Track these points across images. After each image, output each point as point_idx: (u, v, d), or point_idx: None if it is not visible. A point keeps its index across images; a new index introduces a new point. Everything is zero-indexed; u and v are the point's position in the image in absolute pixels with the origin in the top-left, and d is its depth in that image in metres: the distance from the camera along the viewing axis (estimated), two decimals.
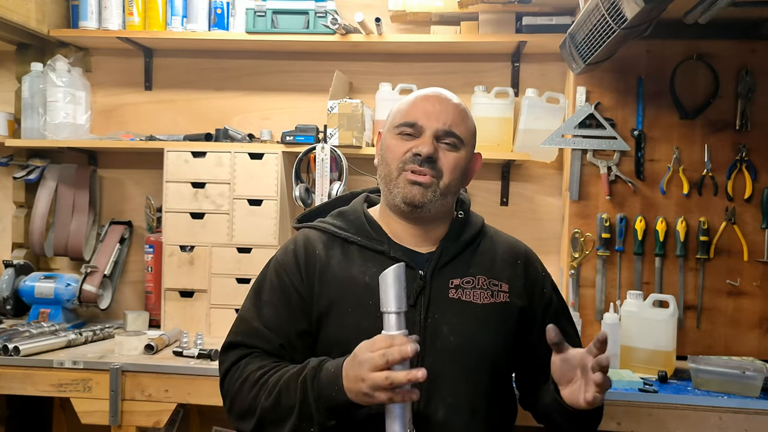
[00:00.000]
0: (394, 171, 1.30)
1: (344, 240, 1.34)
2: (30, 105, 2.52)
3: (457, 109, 1.34)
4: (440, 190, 1.29)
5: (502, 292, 1.32)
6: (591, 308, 2.31)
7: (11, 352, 1.97)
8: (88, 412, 1.98)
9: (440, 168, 1.29)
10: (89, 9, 2.51)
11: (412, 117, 1.31)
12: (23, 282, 2.43)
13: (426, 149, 1.27)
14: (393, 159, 1.31)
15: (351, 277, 1.29)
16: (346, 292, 1.28)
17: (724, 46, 2.24)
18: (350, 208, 1.41)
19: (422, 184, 1.28)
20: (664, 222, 2.24)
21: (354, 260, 1.31)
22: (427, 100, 1.33)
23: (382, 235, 1.34)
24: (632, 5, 1.55)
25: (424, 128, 1.30)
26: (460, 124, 1.32)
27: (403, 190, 1.29)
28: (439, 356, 1.25)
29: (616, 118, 2.29)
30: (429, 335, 1.25)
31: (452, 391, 1.24)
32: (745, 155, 2.23)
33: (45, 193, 2.60)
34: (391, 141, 1.32)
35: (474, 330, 1.28)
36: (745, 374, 1.84)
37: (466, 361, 1.26)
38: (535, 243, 2.53)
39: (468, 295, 1.30)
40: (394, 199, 1.30)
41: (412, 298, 1.26)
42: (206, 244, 2.36)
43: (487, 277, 1.33)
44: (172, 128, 2.65)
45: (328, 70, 2.49)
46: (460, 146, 1.32)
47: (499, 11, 2.38)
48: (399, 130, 1.31)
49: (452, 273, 1.31)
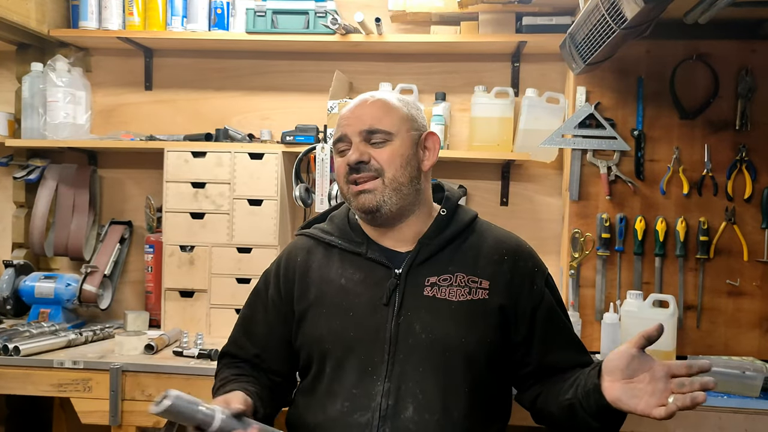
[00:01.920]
0: (344, 188, 1.36)
1: (327, 244, 1.40)
2: (30, 105, 2.52)
3: (376, 105, 1.35)
4: (389, 186, 1.31)
5: (481, 289, 1.32)
6: (591, 308, 2.31)
7: (11, 352, 1.97)
8: (88, 412, 1.98)
9: (378, 166, 1.32)
10: (89, 9, 2.51)
11: (338, 132, 1.37)
12: (23, 282, 2.43)
13: (353, 157, 1.32)
14: (339, 177, 1.37)
15: (328, 280, 1.36)
16: (323, 294, 1.35)
17: (724, 46, 2.24)
18: (338, 212, 1.48)
19: (367, 191, 1.31)
20: (664, 222, 2.24)
21: (333, 263, 1.37)
22: (349, 111, 1.38)
23: (363, 237, 1.38)
24: (632, 5, 1.54)
25: (350, 136, 1.34)
26: (382, 118, 1.34)
27: (355, 202, 1.34)
28: (410, 353, 1.27)
29: (616, 118, 2.29)
30: (401, 332, 1.28)
31: (422, 388, 1.25)
32: (745, 155, 2.23)
33: (45, 193, 2.59)
34: (335, 162, 1.38)
35: (446, 327, 1.28)
36: (745, 374, 1.84)
37: (437, 358, 1.27)
38: (535, 243, 2.53)
39: (443, 293, 1.31)
40: (356, 212, 1.37)
41: (386, 297, 1.30)
42: (206, 244, 2.36)
43: (467, 275, 1.33)
44: (172, 128, 2.65)
45: (328, 70, 2.48)
46: (390, 138, 1.33)
47: (499, 11, 2.38)
48: (336, 148, 1.37)
49: (429, 271, 1.33)
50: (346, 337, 1.29)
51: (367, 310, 1.30)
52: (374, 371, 1.26)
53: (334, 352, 1.30)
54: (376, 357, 1.27)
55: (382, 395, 1.24)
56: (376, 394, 1.24)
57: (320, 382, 1.31)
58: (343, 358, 1.29)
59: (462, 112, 2.56)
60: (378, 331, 1.28)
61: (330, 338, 1.30)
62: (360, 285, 1.33)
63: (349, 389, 1.27)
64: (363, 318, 1.30)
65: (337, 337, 1.30)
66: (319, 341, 1.32)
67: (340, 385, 1.28)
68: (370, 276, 1.33)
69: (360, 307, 1.31)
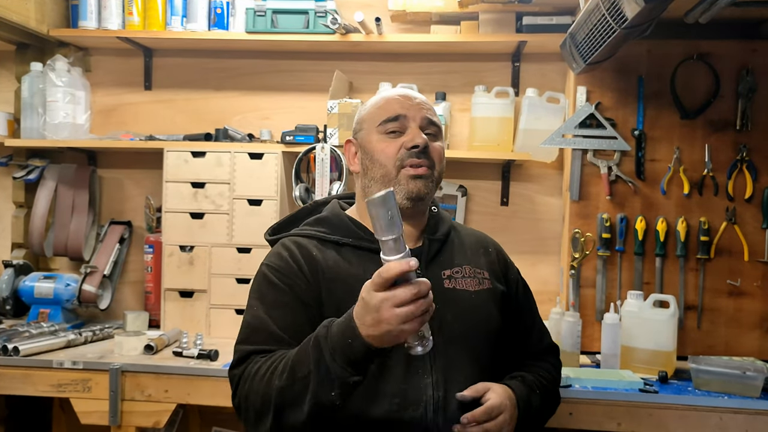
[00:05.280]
0: (393, 170, 1.30)
1: (335, 243, 1.34)
2: (30, 105, 2.52)
3: (427, 102, 1.38)
4: (435, 180, 1.34)
5: (485, 279, 1.39)
6: (591, 308, 2.31)
7: (11, 352, 1.97)
8: (87, 412, 1.98)
9: (432, 158, 1.32)
10: (89, 9, 2.50)
11: (393, 111, 1.33)
12: (23, 282, 2.43)
13: (421, 140, 1.30)
14: (388, 158, 1.31)
15: (353, 276, 1.29)
16: (351, 291, 1.24)
17: (724, 46, 2.24)
18: (329, 214, 1.39)
19: (423, 177, 1.31)
20: (665, 222, 2.24)
21: (351, 260, 1.32)
22: (402, 96, 1.36)
23: (370, 234, 1.33)
24: (632, 5, 1.54)
25: (410, 119, 1.32)
26: (434, 114, 1.37)
27: (406, 186, 1.30)
28: (449, 344, 1.29)
29: (616, 118, 2.29)
30: (435, 325, 1.25)
31: (464, 374, 1.28)
32: (746, 155, 2.23)
33: (45, 193, 2.59)
34: (378, 142, 1.33)
35: (474, 316, 1.33)
36: (746, 374, 1.84)
37: (472, 345, 1.31)
38: (535, 243, 2.58)
39: (461, 284, 1.35)
40: (399, 197, 1.29)
41: None
42: (206, 244, 2.35)
43: (471, 266, 1.38)
44: (171, 128, 2.65)
45: (328, 70, 2.48)
46: (439, 135, 1.37)
47: (499, 11, 2.38)
48: (384, 128, 1.32)
49: (442, 265, 1.36)
50: None
51: None
52: (419, 365, 1.26)
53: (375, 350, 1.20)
54: None
55: (433, 387, 1.25)
56: (426, 387, 1.24)
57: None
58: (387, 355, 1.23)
59: (462, 112, 2.56)
60: None
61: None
62: None
63: (396, 385, 1.24)
64: None
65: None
66: None
67: (386, 382, 1.24)
68: None
69: None
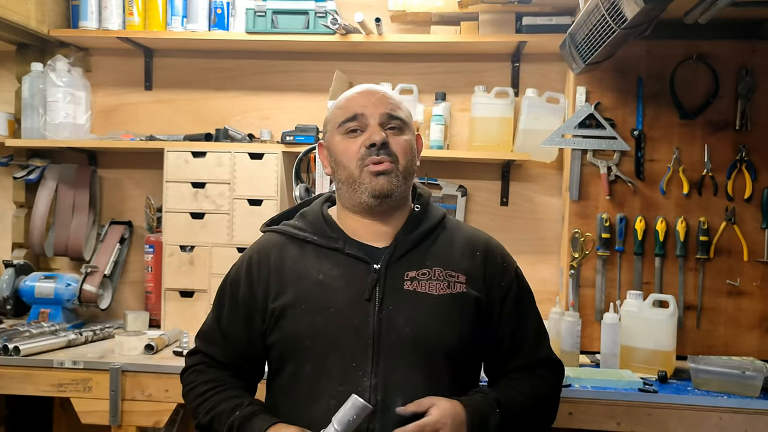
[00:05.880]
0: (356, 170, 1.31)
1: (302, 240, 1.37)
2: (30, 105, 2.52)
3: (389, 95, 1.37)
4: (401, 174, 1.32)
5: (458, 283, 1.33)
6: (591, 308, 2.31)
7: (11, 352, 1.97)
8: (88, 412, 1.98)
9: (394, 153, 1.32)
10: (89, 9, 2.51)
11: (351, 111, 1.33)
12: (23, 282, 2.43)
13: (378, 137, 1.29)
14: (350, 159, 1.32)
15: (306, 276, 1.33)
16: (301, 291, 1.32)
17: (724, 46, 2.24)
18: (310, 208, 1.44)
19: (385, 172, 1.30)
20: (664, 222, 2.24)
21: (309, 259, 1.34)
22: (361, 94, 1.36)
23: (339, 233, 1.36)
24: (632, 5, 1.55)
25: (368, 117, 1.32)
26: (397, 108, 1.35)
27: (369, 184, 1.30)
28: (394, 347, 1.27)
29: (616, 118, 2.29)
30: (384, 327, 1.27)
31: (408, 381, 1.26)
32: (745, 155, 2.23)
33: (45, 193, 2.59)
34: (340, 144, 1.34)
35: (428, 321, 1.29)
36: (745, 374, 1.84)
37: (421, 351, 1.28)
38: (535, 243, 2.58)
39: (423, 287, 1.31)
40: (360, 197, 1.31)
41: (367, 292, 1.29)
42: (206, 244, 2.36)
43: (444, 269, 1.34)
44: (172, 128, 2.65)
45: (328, 70, 2.48)
46: (404, 129, 1.35)
47: (499, 11, 2.38)
48: (344, 128, 1.33)
49: (408, 265, 1.33)
50: (328, 334, 1.27)
51: (348, 306, 1.29)
52: (359, 367, 1.26)
53: (315, 349, 1.28)
54: (360, 353, 1.26)
55: (371, 390, 1.24)
56: (364, 390, 1.24)
57: (300, 381, 1.30)
58: (326, 355, 1.27)
59: (462, 112, 2.56)
60: (361, 327, 1.27)
61: (312, 335, 1.28)
62: (339, 281, 1.31)
63: (334, 386, 1.26)
64: (344, 314, 1.28)
65: (318, 335, 1.28)
66: (299, 339, 1.29)
67: (324, 382, 1.27)
68: (348, 272, 1.32)
69: (341, 304, 1.29)
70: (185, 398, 1.41)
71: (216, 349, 1.39)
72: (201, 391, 1.35)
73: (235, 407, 1.29)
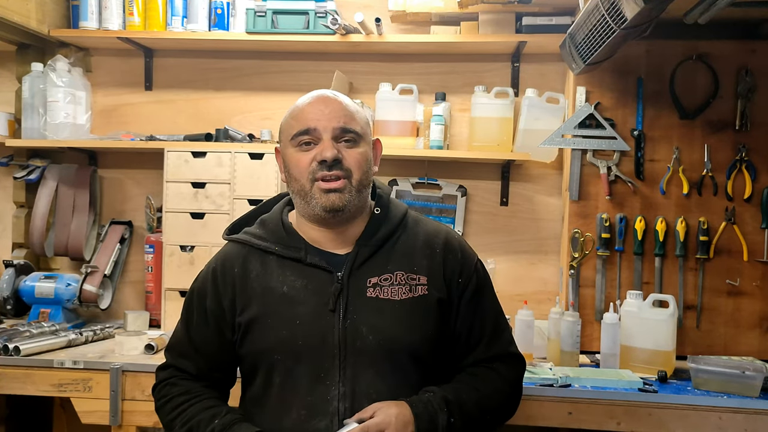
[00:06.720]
0: (306, 184, 1.31)
1: (263, 251, 1.36)
2: (30, 105, 2.52)
3: (344, 105, 1.34)
4: (354, 189, 1.31)
5: (420, 286, 1.33)
6: (591, 308, 2.31)
7: (11, 352, 1.97)
8: (88, 411, 1.98)
9: (348, 167, 1.30)
10: (89, 9, 2.51)
11: (304, 124, 1.31)
12: (23, 282, 2.43)
13: (329, 153, 1.28)
14: (300, 172, 1.31)
15: (270, 289, 1.32)
16: (266, 305, 1.32)
17: (724, 46, 2.25)
18: (270, 216, 1.42)
19: (337, 190, 1.29)
20: (664, 222, 2.25)
21: (272, 271, 1.34)
22: (314, 104, 1.34)
23: (299, 242, 1.35)
24: (632, 5, 1.55)
25: (321, 131, 1.30)
26: (352, 119, 1.33)
27: (320, 200, 1.29)
28: (360, 355, 1.27)
29: (616, 118, 2.29)
30: (349, 336, 1.28)
31: (375, 388, 1.27)
32: (745, 155, 2.23)
33: (45, 193, 2.60)
34: (292, 155, 1.33)
35: (392, 327, 1.29)
36: (745, 374, 1.84)
37: (386, 357, 1.28)
38: (534, 243, 2.58)
39: (386, 293, 1.31)
40: (313, 209, 1.31)
41: (331, 303, 1.29)
42: (206, 244, 2.36)
43: (405, 272, 1.33)
44: (172, 128, 2.65)
45: (328, 70, 2.49)
46: (359, 140, 1.33)
47: (499, 11, 2.38)
48: (297, 141, 1.32)
49: (370, 272, 1.33)
50: (294, 346, 1.28)
51: (313, 317, 1.29)
52: (327, 377, 1.27)
53: (283, 361, 1.29)
54: (327, 362, 1.27)
55: (339, 399, 1.26)
56: (332, 399, 1.26)
57: (270, 392, 1.31)
58: (293, 366, 1.28)
59: (462, 112, 2.56)
60: (326, 337, 1.28)
61: (279, 348, 1.29)
62: (303, 292, 1.31)
63: (303, 397, 1.27)
64: (310, 325, 1.29)
65: (285, 347, 1.28)
66: (267, 352, 1.30)
67: (293, 393, 1.28)
68: (312, 282, 1.32)
69: (306, 315, 1.29)
70: (159, 412, 1.39)
71: (187, 362, 1.39)
72: (177, 404, 1.35)
73: (213, 416, 1.30)
